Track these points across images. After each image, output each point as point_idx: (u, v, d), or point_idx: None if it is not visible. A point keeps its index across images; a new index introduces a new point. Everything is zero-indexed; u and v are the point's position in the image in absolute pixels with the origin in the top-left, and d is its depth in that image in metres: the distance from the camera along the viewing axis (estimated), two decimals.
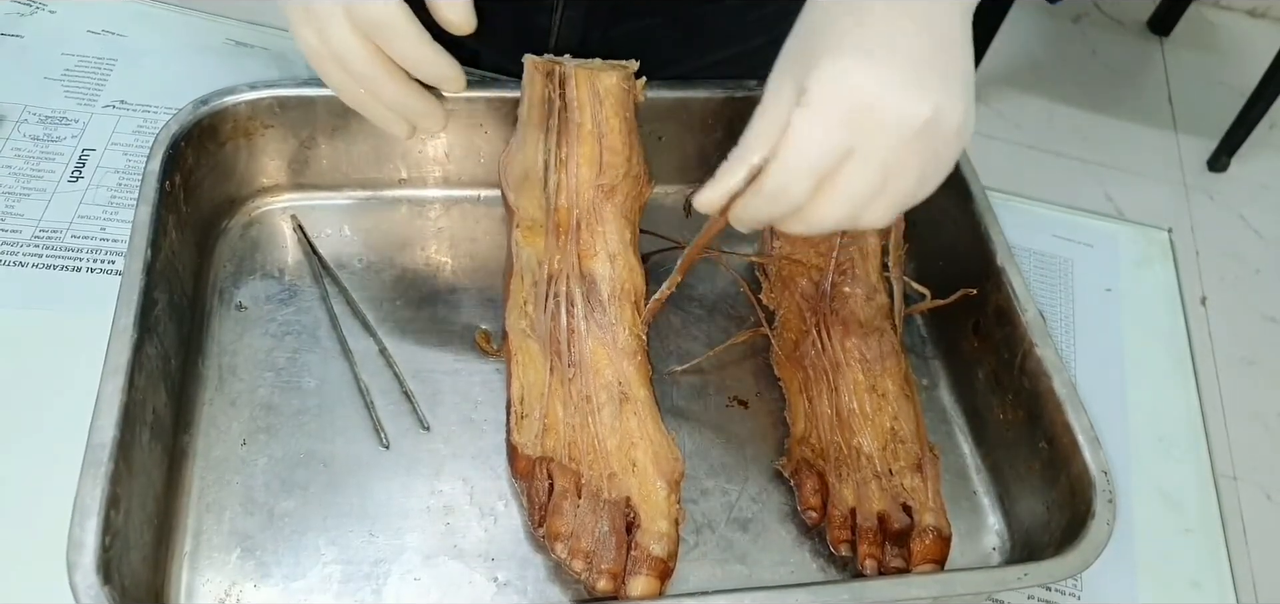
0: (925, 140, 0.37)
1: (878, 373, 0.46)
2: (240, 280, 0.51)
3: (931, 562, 0.43)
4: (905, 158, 0.37)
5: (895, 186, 0.38)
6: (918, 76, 0.36)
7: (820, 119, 0.36)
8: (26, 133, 0.57)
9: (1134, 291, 0.61)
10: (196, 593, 0.40)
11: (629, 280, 0.47)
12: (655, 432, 0.44)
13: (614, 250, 0.47)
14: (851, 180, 0.37)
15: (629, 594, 0.40)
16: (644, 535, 0.41)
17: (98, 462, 0.36)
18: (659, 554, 0.40)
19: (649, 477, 0.43)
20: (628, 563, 0.41)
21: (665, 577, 0.41)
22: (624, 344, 0.45)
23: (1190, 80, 1.95)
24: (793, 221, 0.39)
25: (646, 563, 0.40)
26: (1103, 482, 0.43)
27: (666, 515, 0.42)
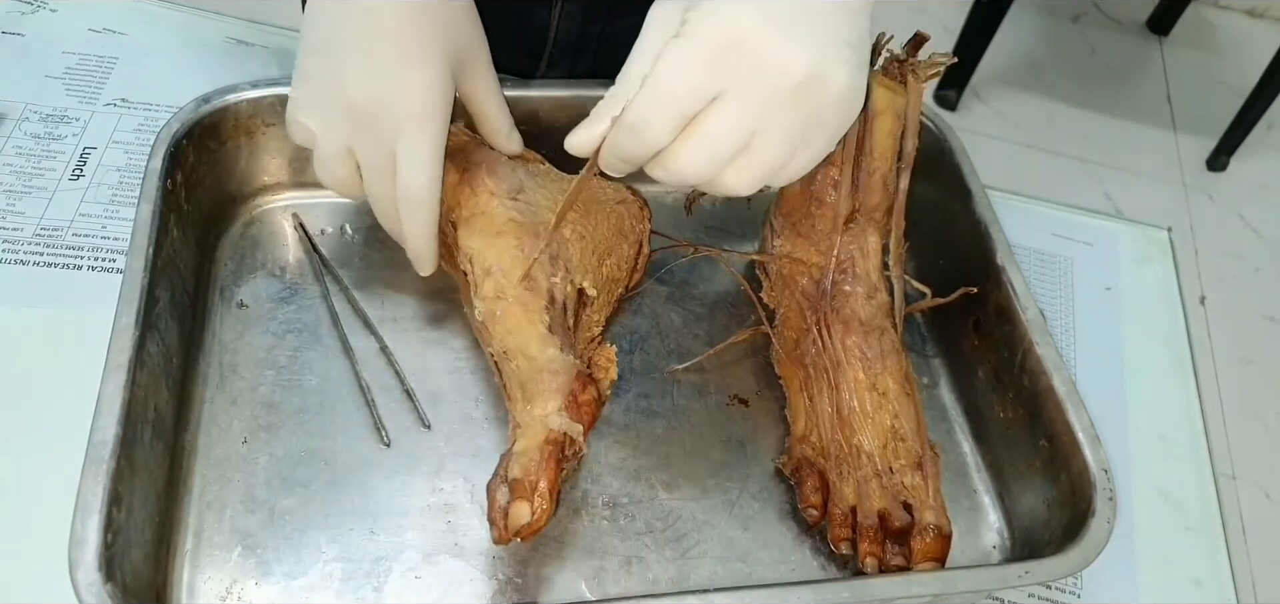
0: (802, 98, 0.35)
1: (878, 371, 0.46)
2: (241, 278, 0.51)
3: (932, 560, 0.43)
4: (777, 113, 0.35)
5: (763, 146, 0.36)
6: (804, 29, 0.34)
7: (692, 51, 0.34)
8: (28, 131, 0.57)
9: (1134, 290, 0.61)
10: (198, 591, 0.40)
11: (486, 259, 0.46)
12: (522, 362, 0.43)
13: (469, 250, 0.47)
14: (716, 126, 0.35)
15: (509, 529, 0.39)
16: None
17: (99, 459, 0.36)
18: (512, 475, 0.39)
19: (520, 406, 0.42)
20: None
21: (525, 494, 0.38)
22: (484, 317, 0.45)
23: (1189, 80, 1.95)
24: (654, 166, 0.37)
25: (511, 491, 0.39)
26: (1103, 480, 0.43)
27: (525, 433, 0.40)
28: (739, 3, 0.34)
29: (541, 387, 0.41)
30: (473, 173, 0.48)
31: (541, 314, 0.44)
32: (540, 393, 0.41)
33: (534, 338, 0.43)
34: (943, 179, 0.55)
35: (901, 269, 0.50)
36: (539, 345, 0.43)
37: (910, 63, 0.47)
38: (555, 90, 0.54)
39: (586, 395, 0.41)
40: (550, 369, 0.42)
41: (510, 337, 0.44)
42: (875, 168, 0.48)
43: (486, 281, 0.45)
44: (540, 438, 0.40)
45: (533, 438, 0.40)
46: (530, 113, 0.53)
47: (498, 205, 0.47)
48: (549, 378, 0.41)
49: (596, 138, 0.38)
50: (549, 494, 0.39)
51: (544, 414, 0.40)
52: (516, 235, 0.46)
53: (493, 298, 0.45)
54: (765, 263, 0.52)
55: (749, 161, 0.36)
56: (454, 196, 0.48)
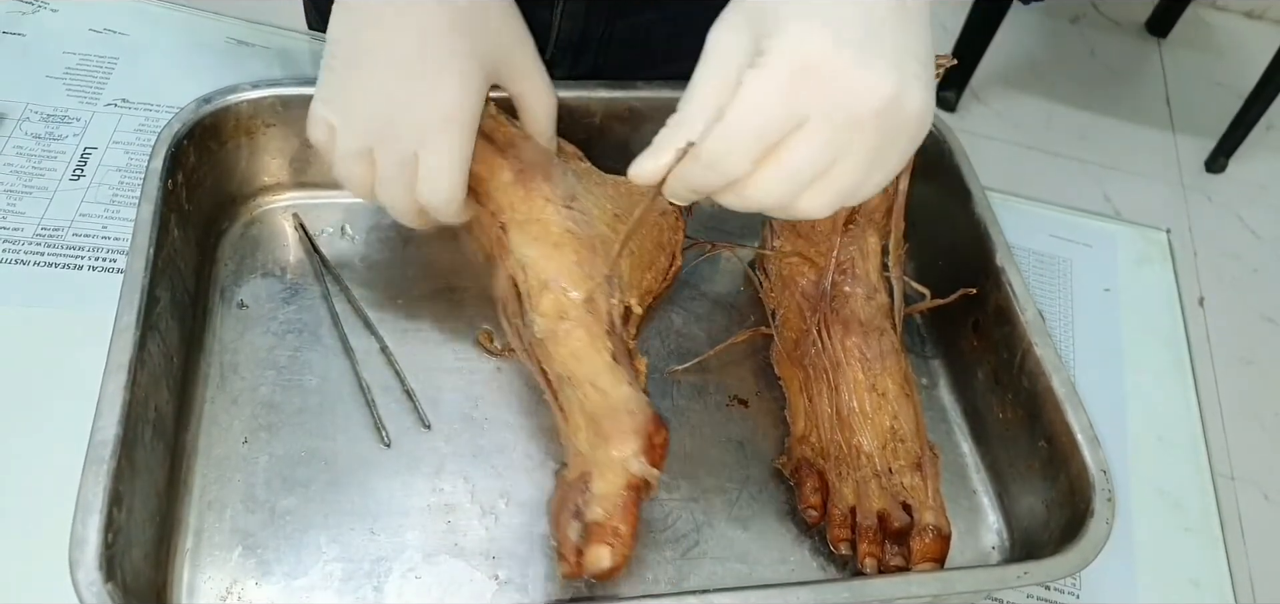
0: (884, 121, 0.34)
1: (878, 372, 0.47)
2: (242, 279, 0.51)
3: (931, 560, 0.43)
4: (858, 137, 0.35)
5: (842, 170, 0.35)
6: (884, 52, 0.34)
7: (774, 80, 0.34)
8: (28, 131, 0.57)
9: (1133, 292, 0.61)
10: (198, 590, 0.40)
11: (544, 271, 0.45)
12: (594, 394, 0.42)
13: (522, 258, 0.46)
14: (797, 154, 0.34)
15: (587, 571, 0.39)
16: (587, 502, 0.40)
17: (100, 459, 0.36)
18: (594, 517, 0.39)
19: (594, 442, 0.41)
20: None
21: (611, 541, 0.38)
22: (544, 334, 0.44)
23: (1188, 81, 1.95)
24: (727, 194, 0.36)
25: (589, 534, 0.39)
26: (1102, 480, 0.43)
27: (603, 475, 0.40)
28: (815, 27, 0.34)
29: (618, 426, 0.41)
30: (528, 174, 0.47)
31: (605, 340, 0.43)
32: (617, 433, 0.40)
33: (603, 369, 0.43)
34: (942, 180, 0.55)
35: (901, 270, 0.50)
36: (611, 379, 0.42)
37: None
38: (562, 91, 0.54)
39: (660, 438, 0.41)
40: (627, 408, 0.41)
41: (576, 363, 0.43)
42: None
43: (545, 297, 0.44)
44: (621, 482, 0.40)
45: (613, 482, 0.40)
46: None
47: (553, 213, 0.46)
48: (627, 418, 0.41)
49: (662, 168, 0.36)
50: (630, 539, 0.39)
51: (623, 457, 0.40)
52: (575, 250, 0.45)
53: (554, 317, 0.44)
54: (765, 264, 0.53)
55: (827, 185, 0.36)
56: (507, 197, 0.46)
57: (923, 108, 0.35)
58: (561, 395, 0.44)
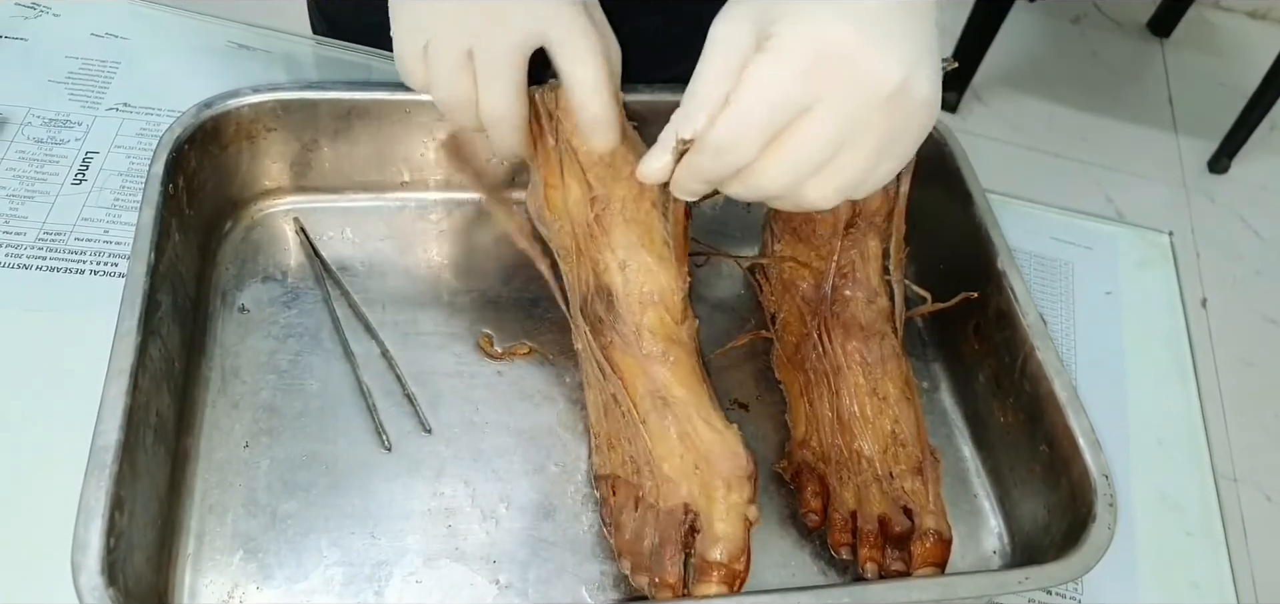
0: (893, 108, 0.34)
1: (878, 376, 0.47)
2: (243, 283, 0.51)
3: (932, 564, 0.43)
4: (866, 124, 0.34)
5: (849, 158, 0.35)
6: (893, 37, 0.34)
7: (784, 65, 0.33)
8: (30, 135, 0.57)
9: (1135, 294, 0.61)
10: (199, 594, 0.40)
11: (648, 283, 0.45)
12: (705, 430, 0.42)
13: (624, 259, 0.45)
14: (804, 139, 0.34)
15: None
16: (702, 542, 0.40)
17: (102, 463, 0.36)
18: (717, 558, 0.40)
19: (707, 479, 0.41)
20: (689, 572, 0.40)
21: (731, 582, 0.39)
22: (649, 350, 0.44)
23: (1190, 82, 1.95)
24: (733, 183, 0.36)
25: (706, 570, 0.40)
26: (1104, 485, 0.43)
27: (724, 517, 0.40)
28: (827, 13, 0.33)
29: (736, 470, 0.41)
30: (622, 164, 0.46)
31: (702, 371, 0.44)
32: (736, 478, 0.41)
33: (709, 405, 0.43)
34: (943, 183, 0.55)
35: (902, 273, 0.50)
36: (719, 418, 0.43)
37: None
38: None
39: (756, 474, 0.42)
40: (732, 451, 0.41)
41: (681, 390, 0.43)
42: None
43: (650, 312, 0.44)
44: (742, 528, 0.40)
45: (735, 526, 0.40)
46: None
47: (659, 221, 0.45)
48: (738, 463, 0.41)
49: (667, 166, 0.37)
50: (747, 577, 0.40)
51: (742, 501, 0.41)
52: (675, 270, 0.45)
53: (662, 337, 0.44)
54: (765, 267, 0.53)
55: (833, 173, 0.36)
56: (616, 185, 0.45)
57: (931, 97, 0.35)
58: (647, 414, 0.43)
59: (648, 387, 0.43)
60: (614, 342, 0.44)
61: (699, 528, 0.41)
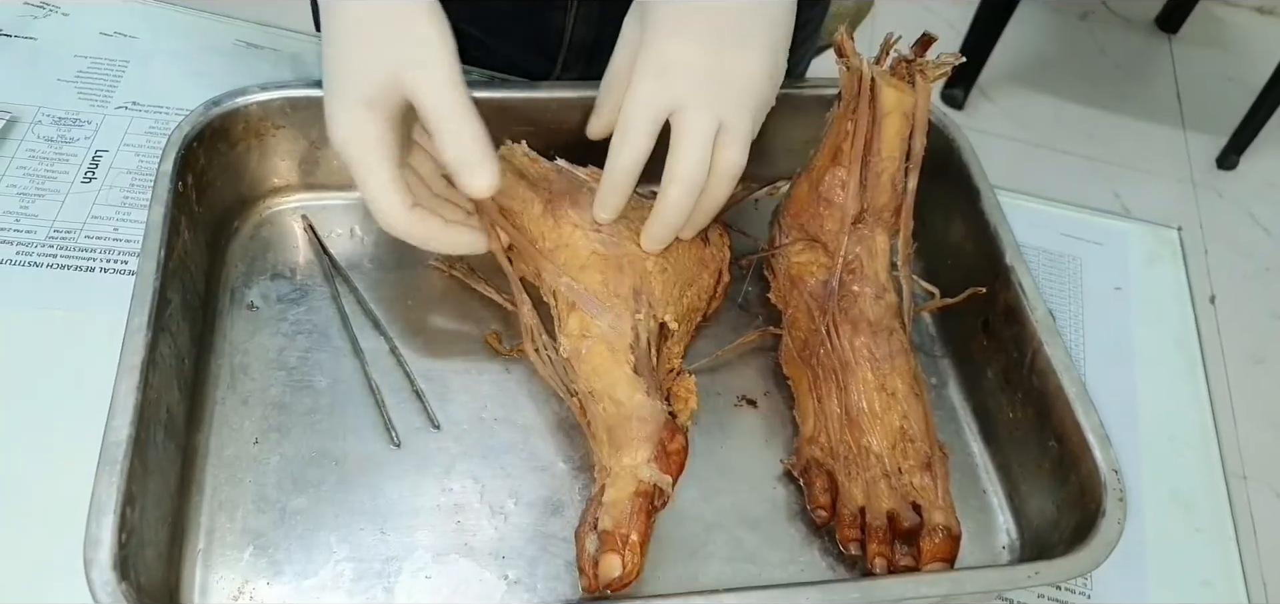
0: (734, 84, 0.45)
1: (887, 372, 0.46)
2: (252, 280, 0.51)
3: (941, 560, 0.43)
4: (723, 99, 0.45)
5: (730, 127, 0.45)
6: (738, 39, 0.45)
7: (643, 78, 0.45)
8: (40, 134, 0.57)
9: (1144, 291, 0.61)
10: (210, 590, 0.40)
11: (566, 292, 0.47)
12: (612, 406, 0.43)
13: (547, 282, 0.47)
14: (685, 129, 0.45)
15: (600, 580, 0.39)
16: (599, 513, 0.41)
17: (113, 459, 0.37)
18: (603, 527, 0.39)
19: (609, 453, 0.42)
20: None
21: (617, 547, 0.39)
22: (569, 353, 0.45)
23: (1199, 77, 1.94)
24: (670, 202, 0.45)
25: (601, 543, 0.40)
26: (1113, 480, 0.43)
27: (614, 482, 0.40)
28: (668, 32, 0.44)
29: (630, 434, 0.41)
30: (556, 203, 0.48)
31: (628, 354, 0.44)
32: (629, 441, 0.41)
33: (621, 381, 0.43)
34: (951, 179, 0.55)
35: (909, 269, 0.50)
36: (627, 389, 0.42)
37: (918, 63, 0.47)
38: (566, 91, 0.54)
39: (675, 445, 0.41)
40: (639, 416, 0.41)
41: (597, 378, 0.43)
42: (883, 168, 0.48)
43: (571, 318, 0.45)
44: (630, 489, 0.40)
45: (623, 488, 0.40)
46: (540, 111, 0.53)
47: (581, 237, 0.47)
48: (638, 426, 0.41)
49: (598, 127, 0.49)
50: (640, 548, 0.39)
51: (634, 465, 0.40)
52: (602, 270, 0.46)
53: (578, 336, 0.45)
54: (773, 263, 0.52)
55: (728, 142, 0.44)
56: (538, 227, 0.48)
57: (752, 61, 0.45)
58: (588, 413, 0.44)
59: (582, 388, 0.44)
60: (557, 359, 0.46)
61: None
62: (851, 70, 0.47)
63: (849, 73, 0.47)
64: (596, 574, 0.39)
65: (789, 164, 0.55)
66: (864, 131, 0.47)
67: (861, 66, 0.46)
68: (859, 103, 0.47)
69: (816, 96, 0.57)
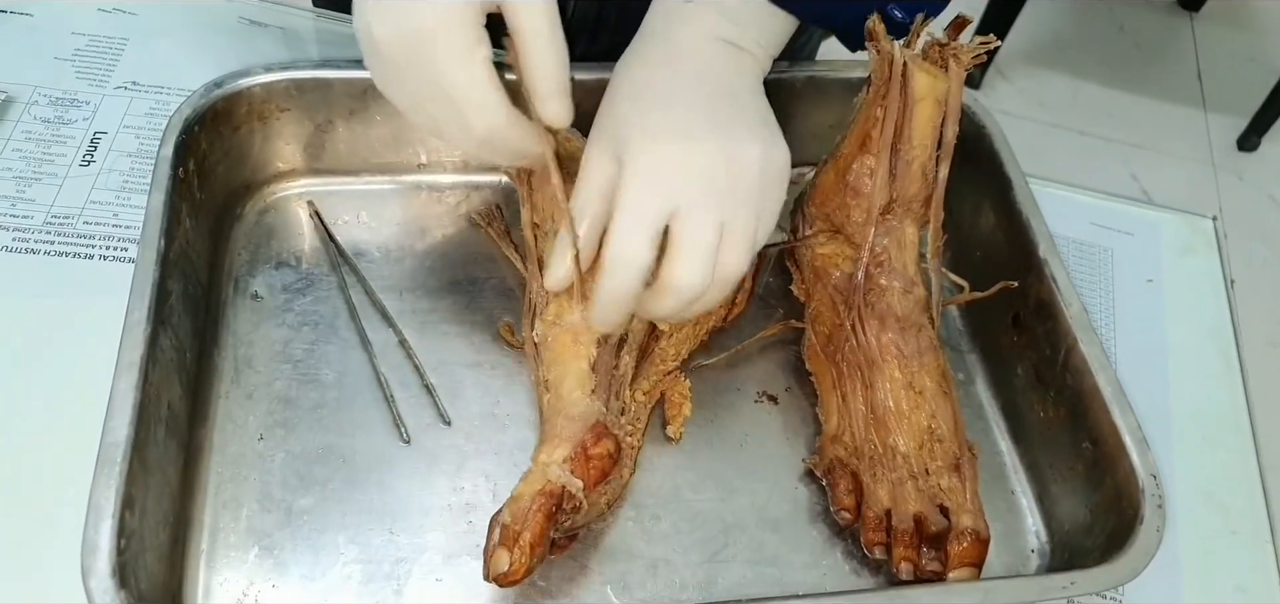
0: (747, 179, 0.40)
1: (915, 369, 0.45)
2: (256, 269, 0.49)
3: (969, 565, 0.42)
4: (732, 200, 0.40)
5: (735, 226, 0.40)
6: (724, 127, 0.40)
7: (640, 182, 0.39)
8: (37, 115, 0.55)
9: (1177, 282, 0.59)
10: (214, 593, 0.39)
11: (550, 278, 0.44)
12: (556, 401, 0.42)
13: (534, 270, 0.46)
14: (688, 231, 0.39)
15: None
16: None
17: (112, 461, 0.35)
18: (501, 520, 0.38)
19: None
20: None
21: (509, 545, 0.37)
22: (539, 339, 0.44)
23: (1220, 57, 1.91)
24: (648, 299, 0.40)
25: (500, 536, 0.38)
26: (1151, 486, 0.41)
27: (525, 477, 0.39)
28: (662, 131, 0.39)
29: (556, 430, 0.40)
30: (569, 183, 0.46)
31: (589, 349, 0.42)
32: (552, 437, 0.40)
33: (571, 374, 0.42)
34: (979, 167, 0.53)
35: (939, 262, 0.48)
36: (571, 383, 0.41)
37: (952, 47, 0.45)
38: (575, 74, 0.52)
39: (599, 448, 0.39)
40: (568, 413, 0.40)
41: (554, 368, 0.42)
42: (914, 156, 0.46)
43: (552, 304, 0.44)
44: (537, 487, 0.38)
45: (531, 484, 0.38)
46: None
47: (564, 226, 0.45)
48: (564, 423, 0.40)
49: (570, 268, 0.41)
50: (531, 549, 0.37)
51: (547, 462, 0.39)
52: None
53: (551, 321, 0.43)
54: (796, 254, 0.51)
55: (733, 242, 0.40)
56: (550, 208, 0.46)
57: (752, 151, 0.40)
58: (540, 401, 0.43)
59: (542, 375, 0.43)
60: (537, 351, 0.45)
61: None
62: (882, 55, 0.44)
63: (879, 57, 0.45)
64: (488, 563, 0.37)
65: (812, 150, 0.53)
66: (894, 118, 0.45)
67: (893, 51, 0.44)
68: (889, 88, 0.45)
69: (840, 80, 0.55)
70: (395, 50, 0.39)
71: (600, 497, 0.40)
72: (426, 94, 0.39)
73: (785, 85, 0.54)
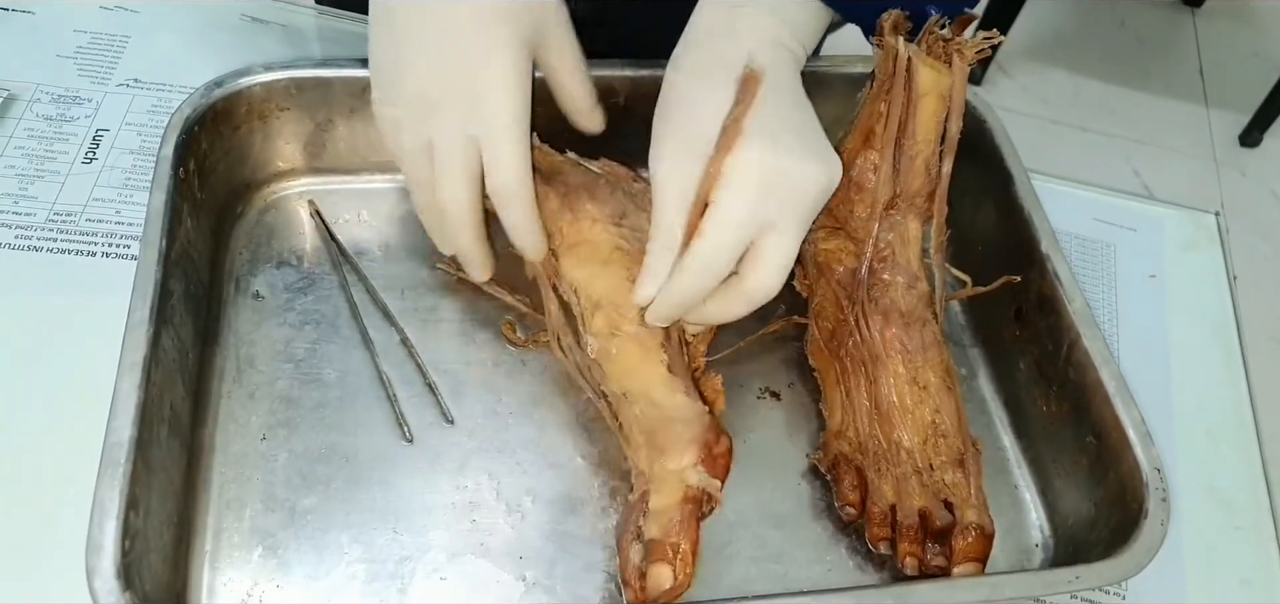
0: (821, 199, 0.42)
1: (919, 365, 0.45)
2: (257, 268, 0.49)
3: (973, 560, 0.42)
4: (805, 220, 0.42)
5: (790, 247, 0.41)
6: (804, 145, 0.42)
7: (741, 194, 0.40)
8: (39, 113, 0.55)
9: (1180, 278, 0.59)
10: (218, 594, 0.39)
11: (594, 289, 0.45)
12: (650, 409, 0.41)
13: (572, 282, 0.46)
14: (770, 250, 0.41)
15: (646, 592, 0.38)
16: (645, 522, 0.39)
17: (115, 461, 0.35)
18: (651, 535, 0.38)
19: (652, 456, 0.40)
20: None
21: (667, 557, 0.37)
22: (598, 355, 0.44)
23: (1222, 53, 1.90)
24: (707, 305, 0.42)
25: (648, 551, 0.38)
26: (1155, 480, 0.41)
27: (659, 489, 0.39)
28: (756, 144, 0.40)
29: (674, 437, 0.39)
30: (573, 197, 0.46)
31: (660, 353, 0.42)
32: (673, 445, 0.39)
33: (657, 381, 0.41)
34: (982, 162, 0.52)
35: (943, 257, 0.48)
36: (665, 391, 0.41)
37: (956, 42, 0.45)
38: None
39: (721, 447, 0.40)
40: (682, 418, 0.40)
41: (630, 379, 0.42)
42: (917, 151, 0.46)
43: (597, 316, 0.44)
44: (678, 495, 0.38)
45: (670, 495, 0.38)
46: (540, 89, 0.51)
47: (602, 232, 0.45)
48: (681, 429, 0.39)
49: (658, 288, 0.42)
50: (692, 557, 0.37)
51: (680, 469, 0.38)
52: (625, 265, 0.44)
53: (606, 335, 0.43)
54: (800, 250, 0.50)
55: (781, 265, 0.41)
56: (555, 222, 0.46)
57: (835, 173, 0.42)
58: (621, 415, 0.42)
59: (613, 389, 0.42)
60: (587, 364, 0.44)
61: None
62: (886, 50, 0.44)
63: (884, 52, 0.45)
64: (644, 585, 0.37)
65: None
66: (898, 114, 0.45)
67: (897, 46, 0.44)
68: (893, 83, 0.45)
69: (842, 75, 0.55)
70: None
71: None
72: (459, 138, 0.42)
73: None
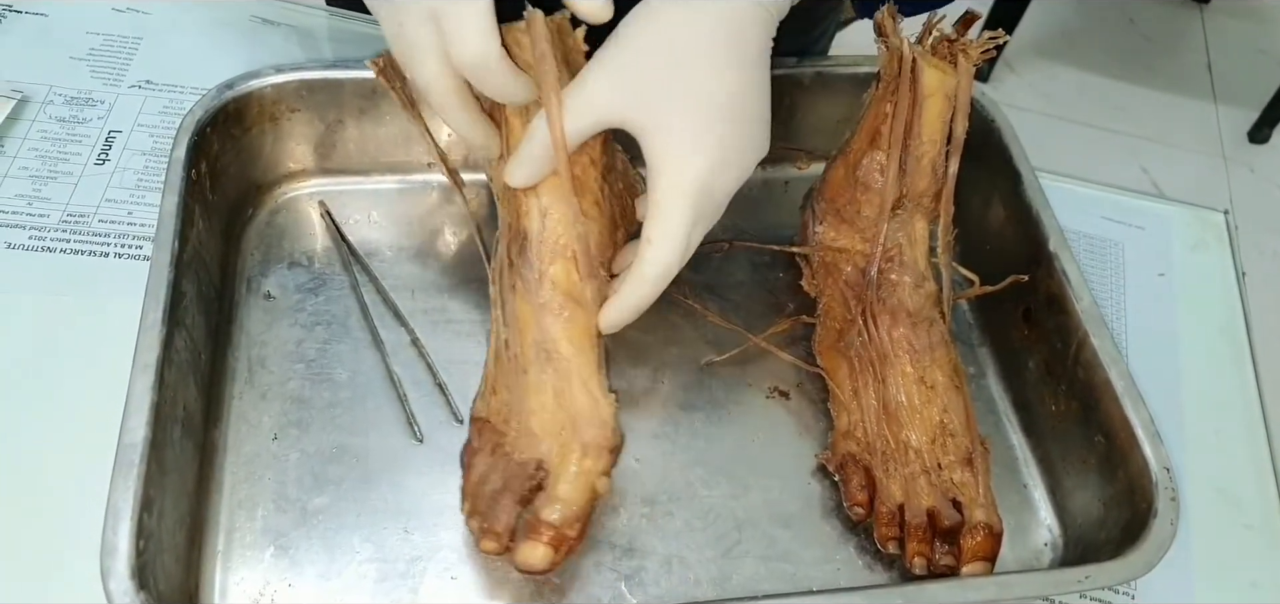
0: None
1: (927, 364, 0.45)
2: (268, 269, 0.49)
3: (982, 559, 0.42)
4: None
5: None
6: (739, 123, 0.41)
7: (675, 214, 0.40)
8: (52, 114, 0.56)
9: (1189, 277, 0.59)
10: (230, 593, 0.39)
11: (564, 235, 0.42)
12: (581, 393, 0.41)
13: (546, 206, 0.42)
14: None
15: (516, 559, 0.39)
16: (541, 500, 0.39)
17: (130, 463, 0.35)
18: (549, 519, 0.39)
19: (566, 441, 0.40)
20: (519, 526, 0.39)
21: (557, 546, 0.38)
22: (545, 300, 0.42)
23: (1231, 49, 1.89)
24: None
25: (534, 528, 0.39)
26: (1165, 479, 0.41)
27: (571, 481, 0.40)
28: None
29: (598, 440, 0.40)
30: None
31: (598, 340, 0.43)
32: (595, 446, 0.40)
33: (594, 372, 0.42)
34: (990, 161, 0.52)
35: (950, 256, 0.48)
36: (599, 385, 0.41)
37: (961, 43, 0.45)
38: None
39: (618, 455, 0.42)
40: (600, 419, 0.41)
41: (570, 349, 0.41)
42: (924, 151, 0.46)
43: (558, 264, 0.42)
44: (588, 495, 0.40)
45: (580, 492, 0.40)
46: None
47: (594, 176, 0.44)
48: (599, 431, 0.40)
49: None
50: (578, 547, 0.39)
51: (593, 471, 0.40)
52: (599, 230, 0.44)
53: (563, 291, 0.42)
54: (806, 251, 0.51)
55: None
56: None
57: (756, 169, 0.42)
58: (529, 365, 0.42)
59: (536, 337, 0.42)
60: (517, 286, 0.43)
61: (545, 487, 0.40)
62: (892, 50, 0.44)
63: (889, 52, 0.45)
64: (513, 549, 0.39)
65: (819, 144, 0.53)
66: (904, 114, 0.45)
67: (902, 46, 0.44)
68: (899, 84, 0.45)
69: (848, 74, 0.55)
70: None
71: None
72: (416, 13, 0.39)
73: (794, 80, 0.54)
